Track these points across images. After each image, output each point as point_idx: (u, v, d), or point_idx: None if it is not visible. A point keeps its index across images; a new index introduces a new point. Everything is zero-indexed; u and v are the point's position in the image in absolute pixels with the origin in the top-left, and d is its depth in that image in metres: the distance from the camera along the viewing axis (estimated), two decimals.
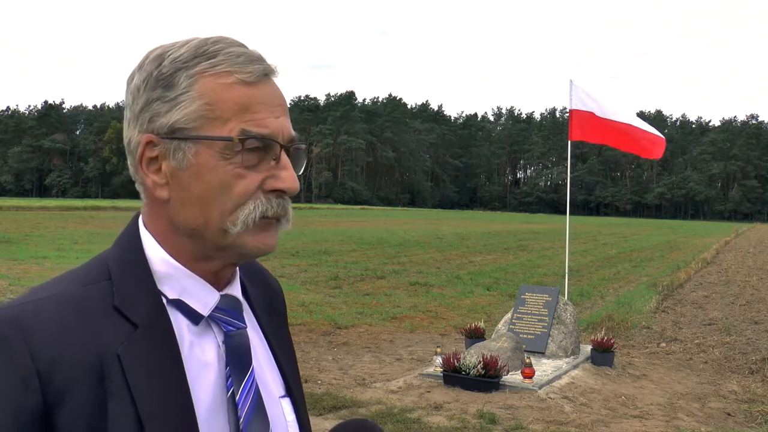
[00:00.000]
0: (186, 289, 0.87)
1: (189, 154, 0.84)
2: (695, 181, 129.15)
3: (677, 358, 9.11)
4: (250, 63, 0.86)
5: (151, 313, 0.83)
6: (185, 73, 0.84)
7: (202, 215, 0.84)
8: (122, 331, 0.81)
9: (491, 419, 5.90)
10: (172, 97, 0.84)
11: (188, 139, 0.84)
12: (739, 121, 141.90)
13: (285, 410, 0.95)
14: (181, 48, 0.86)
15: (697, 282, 17.00)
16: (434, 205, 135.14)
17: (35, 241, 22.12)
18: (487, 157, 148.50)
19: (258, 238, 0.86)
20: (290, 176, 0.86)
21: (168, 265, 0.87)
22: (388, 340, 9.42)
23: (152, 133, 0.85)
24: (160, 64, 0.86)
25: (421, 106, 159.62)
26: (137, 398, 0.78)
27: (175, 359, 0.83)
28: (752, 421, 6.53)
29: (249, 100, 0.84)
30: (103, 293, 0.83)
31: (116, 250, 0.89)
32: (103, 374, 0.78)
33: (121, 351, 0.80)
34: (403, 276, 16.23)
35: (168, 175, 0.85)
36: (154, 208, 0.88)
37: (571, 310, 8.38)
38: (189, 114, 0.84)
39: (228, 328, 0.89)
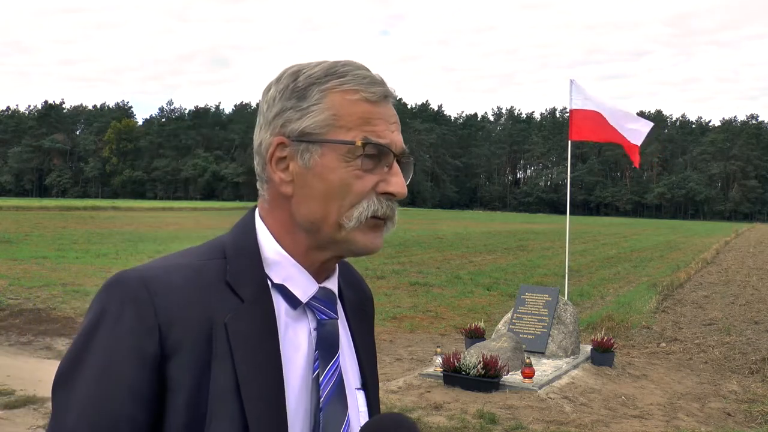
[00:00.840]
0: (290, 276, 0.99)
1: (315, 156, 0.96)
2: (695, 181, 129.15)
3: (677, 358, 9.11)
4: (374, 85, 0.99)
5: (256, 292, 0.95)
6: (318, 88, 0.97)
7: (322, 210, 0.96)
8: (231, 304, 0.93)
9: (491, 419, 5.90)
10: (304, 107, 0.97)
11: (316, 142, 0.96)
12: (739, 121, 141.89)
13: (359, 401, 1.05)
14: (316, 67, 0.99)
15: (697, 282, 17.00)
16: (434, 205, 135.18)
17: (35, 241, 22.13)
18: (487, 157, 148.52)
19: (368, 236, 0.98)
20: (400, 182, 0.98)
21: (277, 254, 0.99)
22: (388, 340, 9.42)
23: (283, 136, 0.98)
24: (296, 79, 0.99)
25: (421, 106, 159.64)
26: (237, 363, 0.90)
27: (273, 336, 0.94)
28: (752, 421, 6.53)
29: (370, 115, 0.97)
30: (218, 269, 0.96)
31: (232, 234, 1.02)
32: (212, 337, 0.90)
33: (228, 320, 0.91)
34: (403, 276, 16.24)
35: (294, 173, 0.97)
36: (276, 203, 1.00)
37: (571, 310, 8.38)
38: (318, 122, 0.96)
39: (321, 316, 1.00)
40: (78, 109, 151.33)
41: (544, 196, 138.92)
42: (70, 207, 54.69)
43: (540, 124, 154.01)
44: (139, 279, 0.91)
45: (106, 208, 54.28)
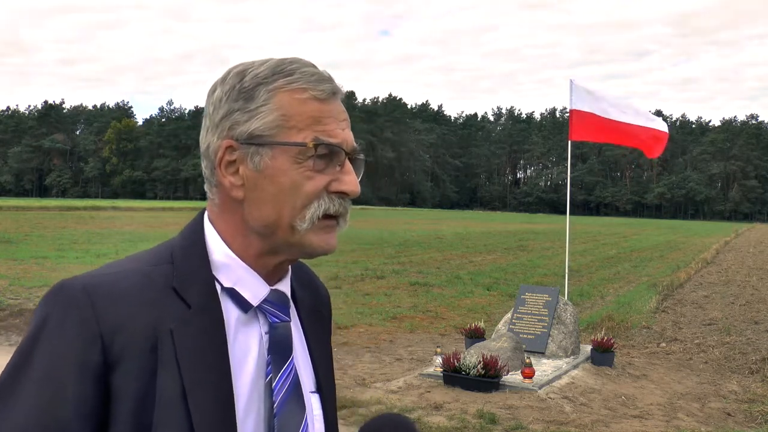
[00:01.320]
0: (240, 279, 0.97)
1: (266, 158, 0.94)
2: (695, 181, 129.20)
3: (677, 358, 9.11)
4: (322, 82, 0.97)
5: (204, 297, 0.93)
6: (265, 88, 0.95)
7: (274, 213, 0.95)
8: (177, 310, 0.91)
9: (491, 419, 5.90)
10: (252, 108, 0.95)
11: (266, 144, 0.94)
12: (739, 121, 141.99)
13: (314, 404, 1.04)
14: (262, 66, 0.97)
15: (697, 282, 17.00)
16: (434, 205, 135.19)
17: (35, 241, 22.13)
18: (487, 157, 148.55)
19: (321, 237, 0.97)
20: (353, 180, 0.98)
21: (227, 257, 0.97)
22: (388, 340, 9.42)
23: (232, 139, 0.96)
24: (242, 79, 0.97)
25: (421, 106, 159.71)
26: (183, 370, 0.88)
27: (221, 341, 0.92)
28: (752, 421, 6.53)
29: (320, 113, 0.96)
30: (164, 274, 0.94)
31: (180, 238, 1.00)
32: (157, 345, 0.88)
33: (174, 327, 0.90)
34: (403, 276, 16.23)
35: (244, 177, 0.95)
36: (227, 207, 0.98)
37: (571, 310, 8.38)
38: (267, 123, 0.95)
39: (273, 319, 0.99)
40: (78, 109, 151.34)
41: (544, 196, 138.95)
42: (70, 207, 54.70)
43: (540, 124, 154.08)
44: (82, 287, 0.90)
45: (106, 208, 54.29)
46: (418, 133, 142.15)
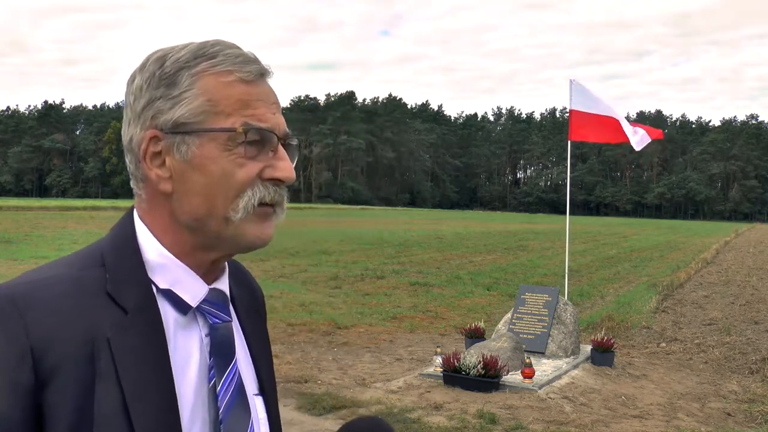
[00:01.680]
0: (177, 279, 0.91)
1: (193, 147, 0.88)
2: (695, 181, 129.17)
3: (677, 358, 9.11)
4: (248, 63, 0.91)
5: (141, 301, 0.87)
6: (187, 72, 0.89)
7: (206, 204, 0.89)
8: (113, 316, 0.84)
9: (491, 419, 5.90)
10: (175, 94, 0.89)
11: (192, 132, 0.89)
12: (739, 121, 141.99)
13: (258, 408, 0.98)
14: (182, 50, 0.91)
15: (697, 282, 17.00)
16: (434, 205, 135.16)
17: (35, 241, 22.13)
18: (487, 157, 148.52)
19: (257, 227, 0.91)
20: (287, 166, 0.92)
21: (161, 256, 0.91)
22: (388, 340, 9.42)
23: (156, 129, 0.90)
24: (162, 65, 0.90)
25: (421, 106, 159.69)
26: (123, 381, 0.82)
27: (161, 347, 0.86)
28: (752, 421, 6.53)
29: (248, 96, 0.90)
30: (96, 279, 0.87)
31: (110, 239, 0.93)
32: (93, 356, 0.82)
33: (111, 335, 0.83)
34: (403, 276, 16.23)
35: (172, 168, 0.89)
36: (155, 203, 0.92)
37: (571, 310, 8.38)
38: (192, 110, 0.89)
39: (214, 320, 0.93)
40: (78, 109, 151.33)
41: (544, 196, 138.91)
42: (70, 207, 54.71)
43: (540, 124, 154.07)
44: (7, 297, 0.82)
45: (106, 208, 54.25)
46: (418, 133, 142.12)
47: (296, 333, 9.54)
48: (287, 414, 6.05)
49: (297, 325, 9.99)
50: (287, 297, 12.53)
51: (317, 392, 6.64)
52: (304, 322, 10.24)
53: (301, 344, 8.87)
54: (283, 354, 8.23)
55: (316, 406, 6.18)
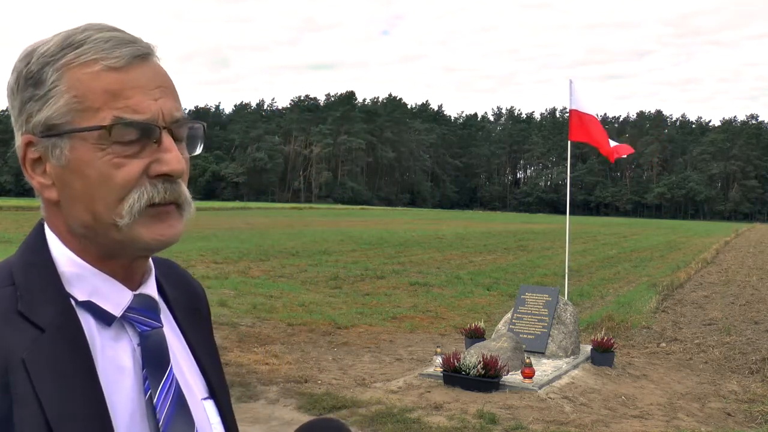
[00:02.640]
0: (96, 289, 0.84)
1: (65, 150, 0.81)
2: (695, 181, 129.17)
3: (677, 358, 9.11)
4: (119, 47, 0.82)
5: (58, 317, 0.80)
6: (52, 68, 0.82)
7: (89, 211, 0.82)
8: (27, 336, 0.77)
9: (491, 419, 5.90)
10: (41, 94, 0.82)
11: (62, 134, 0.81)
12: (739, 121, 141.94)
13: (209, 412, 0.93)
14: (50, 42, 0.83)
15: (697, 282, 17.00)
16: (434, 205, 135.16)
17: None
18: (487, 157, 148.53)
19: (154, 228, 0.83)
20: (174, 158, 0.82)
21: (76, 266, 0.84)
22: (388, 340, 9.42)
23: (30, 133, 0.83)
24: (28, 62, 0.83)
25: (421, 106, 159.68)
26: (45, 404, 0.75)
27: (85, 363, 0.79)
28: (752, 421, 6.53)
29: (119, 85, 0.81)
30: (5, 299, 0.80)
31: (20, 254, 0.86)
32: (8, 382, 0.74)
33: (26, 356, 0.76)
34: (403, 276, 16.23)
35: (53, 175, 0.83)
36: (50, 211, 0.86)
37: (571, 310, 8.38)
38: (59, 109, 0.81)
39: (143, 328, 0.87)
40: None
41: (544, 196, 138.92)
42: None
43: (540, 124, 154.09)
44: None
45: None
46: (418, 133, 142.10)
47: (296, 333, 9.54)
48: (287, 414, 6.06)
49: (297, 325, 9.99)
50: (287, 297, 12.53)
51: (317, 392, 6.64)
52: (304, 322, 10.24)
53: (301, 344, 8.87)
54: (283, 354, 8.23)
55: (316, 406, 6.18)
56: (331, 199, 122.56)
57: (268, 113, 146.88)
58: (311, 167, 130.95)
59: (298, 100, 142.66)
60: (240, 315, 10.56)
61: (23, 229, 27.37)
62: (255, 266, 16.91)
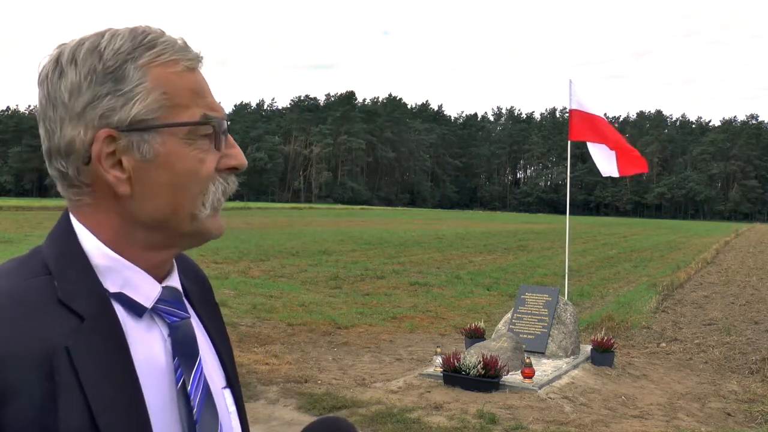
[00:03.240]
0: (128, 281, 0.86)
1: (155, 144, 0.84)
2: (695, 181, 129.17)
3: (677, 358, 9.11)
4: (188, 50, 0.88)
5: (96, 306, 0.81)
6: (133, 65, 0.84)
7: (172, 203, 0.85)
8: (69, 324, 0.79)
9: (491, 419, 5.90)
10: (125, 90, 0.83)
11: (152, 129, 0.84)
12: (739, 121, 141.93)
13: (227, 401, 0.95)
14: (116, 40, 0.85)
15: (697, 282, 17.00)
16: (434, 205, 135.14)
17: (35, 241, 22.06)
18: (487, 157, 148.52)
19: (216, 220, 0.89)
20: (239, 153, 0.89)
21: (108, 258, 0.85)
22: (388, 340, 9.42)
23: (110, 128, 0.83)
24: (101, 57, 0.84)
25: (421, 106, 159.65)
26: (88, 391, 0.76)
27: (123, 352, 0.81)
28: (752, 421, 6.53)
29: (197, 85, 0.87)
30: (44, 287, 0.81)
31: (52, 245, 0.86)
32: (52, 369, 0.76)
33: (70, 343, 0.77)
34: (403, 276, 16.23)
35: (130, 169, 0.84)
36: (104, 206, 0.86)
37: (571, 310, 8.38)
38: (149, 105, 0.84)
39: (172, 319, 0.89)
40: None
41: (544, 196, 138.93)
42: None
43: (540, 124, 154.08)
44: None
45: None
46: (418, 133, 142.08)
47: (296, 333, 9.54)
48: (287, 414, 6.06)
49: (297, 325, 9.99)
50: (287, 297, 12.53)
51: (317, 392, 6.64)
52: (304, 322, 10.24)
53: (301, 344, 8.87)
54: (283, 354, 8.23)
55: (316, 406, 6.18)
56: (331, 199, 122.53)
57: (268, 113, 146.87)
58: (311, 167, 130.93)
59: (298, 100, 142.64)
60: (240, 315, 10.56)
61: (23, 229, 27.37)
62: (255, 266, 16.91)
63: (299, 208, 73.31)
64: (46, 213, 44.85)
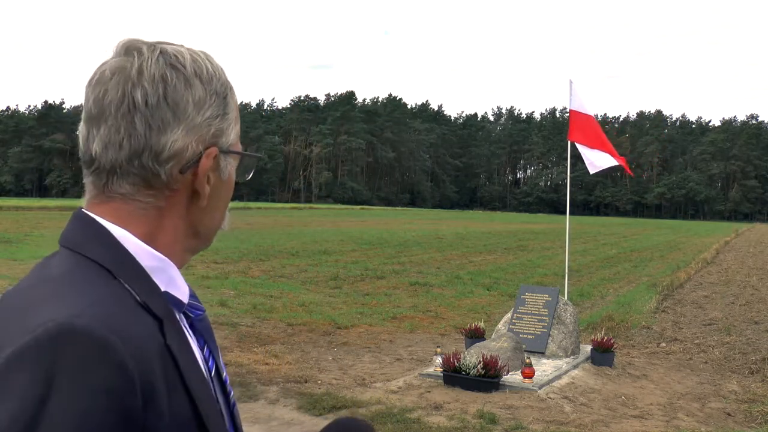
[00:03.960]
0: (172, 280, 0.90)
1: (229, 167, 0.95)
2: (695, 181, 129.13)
3: (677, 358, 9.11)
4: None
5: (164, 307, 0.86)
6: (231, 94, 0.95)
7: (220, 218, 0.97)
8: (155, 325, 0.82)
9: (491, 419, 5.90)
10: (228, 115, 0.93)
11: (231, 153, 0.95)
12: (739, 121, 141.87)
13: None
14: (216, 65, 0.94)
15: (697, 282, 16.99)
16: (434, 205, 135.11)
17: (35, 241, 22.11)
18: (487, 157, 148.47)
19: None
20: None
21: (156, 259, 0.88)
22: (388, 340, 9.42)
23: (216, 147, 0.91)
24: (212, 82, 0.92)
25: (421, 106, 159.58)
26: (190, 386, 0.82)
27: (191, 348, 0.88)
28: (752, 421, 6.53)
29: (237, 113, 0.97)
30: (121, 291, 0.82)
31: (102, 251, 0.84)
32: (166, 365, 0.80)
33: (169, 341, 0.83)
34: (403, 276, 16.23)
35: (212, 184, 0.93)
36: (174, 210, 0.90)
37: (571, 310, 8.38)
38: (236, 132, 0.96)
39: (196, 313, 0.94)
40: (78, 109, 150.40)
41: (544, 196, 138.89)
42: (70, 207, 54.60)
43: (540, 124, 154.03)
44: (99, 324, 0.74)
45: None
46: (418, 133, 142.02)
47: (296, 333, 9.54)
48: (287, 414, 6.06)
49: (297, 325, 9.99)
50: (287, 297, 12.53)
51: (317, 392, 6.64)
52: (304, 322, 10.24)
53: (301, 344, 8.86)
54: (283, 354, 8.23)
55: (316, 406, 6.18)
56: (331, 199, 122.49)
57: (268, 113, 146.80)
58: (311, 167, 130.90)
59: (298, 100, 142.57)
60: (240, 315, 10.56)
61: (23, 229, 27.37)
62: (255, 266, 16.91)
63: (299, 208, 73.31)
64: (46, 213, 44.86)
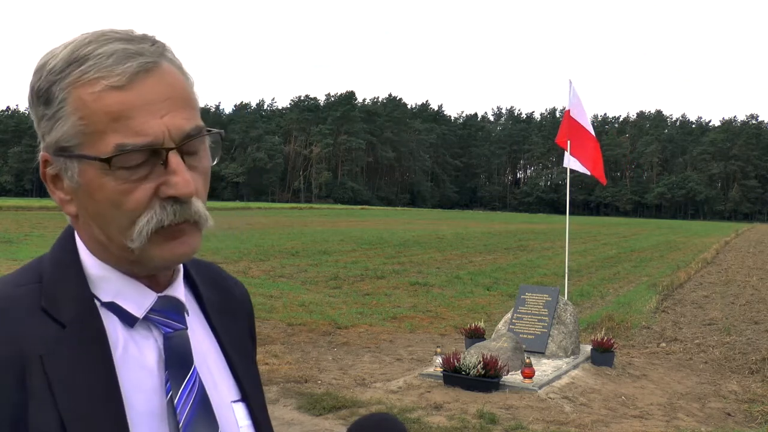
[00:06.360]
0: (120, 291, 0.85)
1: (75, 173, 0.80)
2: (695, 181, 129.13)
3: (677, 358, 9.11)
4: (121, 62, 0.78)
5: (80, 314, 0.81)
6: (59, 86, 0.79)
7: (102, 232, 0.82)
8: (48, 332, 0.78)
9: (491, 419, 5.90)
10: (51, 114, 0.80)
11: (71, 157, 0.80)
12: (739, 121, 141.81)
13: (237, 415, 0.92)
14: (58, 56, 0.80)
15: (697, 282, 17.00)
16: (434, 205, 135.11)
17: (35, 241, 22.11)
18: (487, 157, 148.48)
19: (166, 248, 0.82)
20: (181, 181, 0.79)
21: (102, 269, 0.85)
22: (388, 340, 9.42)
23: (46, 152, 0.83)
24: (39, 78, 0.81)
25: (421, 106, 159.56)
26: (59, 399, 0.76)
27: (104, 361, 0.80)
28: (752, 421, 6.53)
29: (121, 106, 0.78)
30: (31, 294, 0.81)
31: (51, 253, 0.87)
32: (25, 376, 0.76)
33: (45, 351, 0.77)
34: (403, 276, 16.23)
35: (71, 191, 0.83)
36: (73, 221, 0.87)
37: (571, 310, 8.38)
38: (67, 131, 0.79)
39: (166, 330, 0.86)
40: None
41: (544, 196, 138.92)
42: None
43: (540, 124, 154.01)
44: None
45: None
46: (418, 133, 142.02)
47: (296, 333, 9.53)
48: (287, 414, 6.06)
49: (297, 325, 9.99)
50: (287, 297, 12.53)
51: (317, 392, 6.64)
52: (304, 322, 10.23)
53: (301, 344, 8.86)
54: (283, 354, 8.23)
55: (316, 406, 6.17)
56: (331, 199, 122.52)
57: (268, 113, 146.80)
58: (311, 167, 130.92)
59: (298, 100, 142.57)
60: None
61: (23, 229, 27.38)
62: (255, 266, 16.91)
63: (299, 208, 73.31)
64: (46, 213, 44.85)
